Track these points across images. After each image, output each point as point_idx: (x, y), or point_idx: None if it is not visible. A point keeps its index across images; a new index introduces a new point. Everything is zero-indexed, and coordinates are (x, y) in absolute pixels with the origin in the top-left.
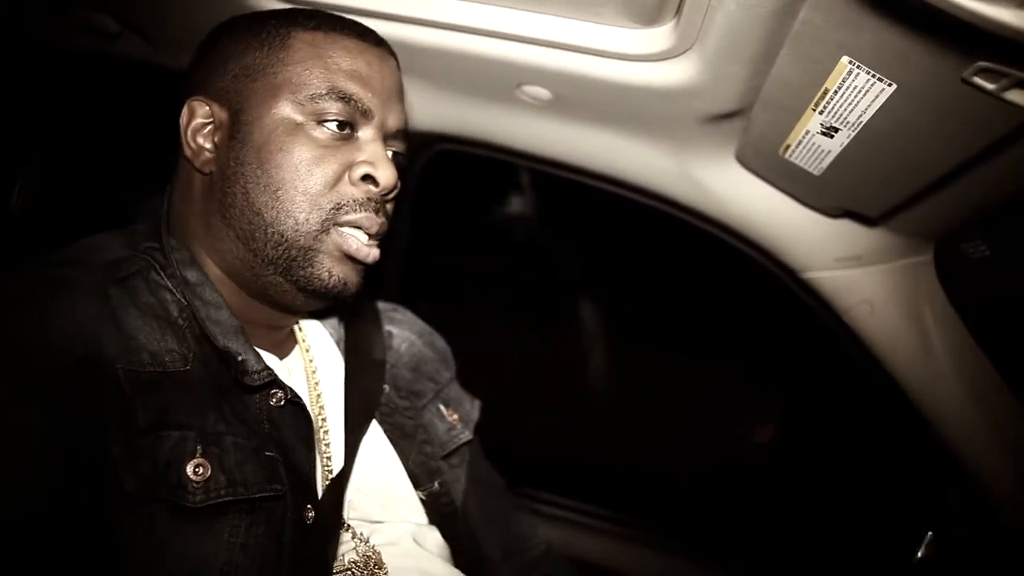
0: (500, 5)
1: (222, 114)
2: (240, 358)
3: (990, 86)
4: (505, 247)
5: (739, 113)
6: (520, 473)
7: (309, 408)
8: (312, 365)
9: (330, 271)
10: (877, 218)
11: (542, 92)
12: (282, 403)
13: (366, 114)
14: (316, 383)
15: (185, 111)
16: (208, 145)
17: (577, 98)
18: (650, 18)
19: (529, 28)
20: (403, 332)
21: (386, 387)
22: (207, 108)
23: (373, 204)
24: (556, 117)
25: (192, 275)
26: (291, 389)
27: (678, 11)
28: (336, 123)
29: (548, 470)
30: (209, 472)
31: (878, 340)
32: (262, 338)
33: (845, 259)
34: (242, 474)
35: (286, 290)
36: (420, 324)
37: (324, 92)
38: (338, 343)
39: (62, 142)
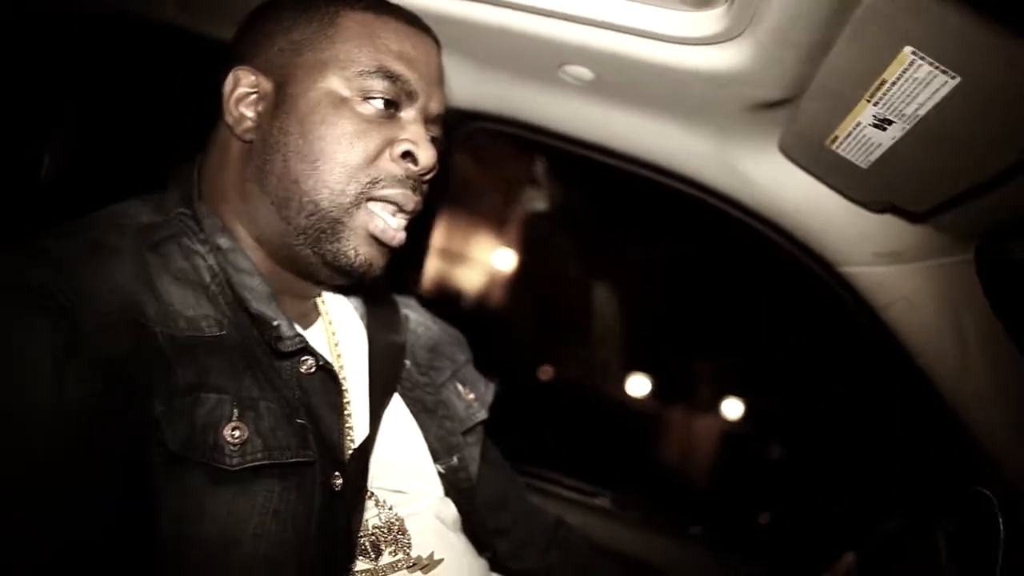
0: None
1: (267, 85)
2: (275, 323)
3: None
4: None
5: (787, 102)
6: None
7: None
8: (335, 337)
9: (356, 249)
10: (921, 214)
11: (584, 72)
12: (312, 370)
13: (411, 95)
14: (338, 355)
15: (230, 79)
16: (251, 114)
17: (620, 80)
18: (702, 1)
19: (575, 6)
20: (419, 317)
21: (407, 362)
22: (252, 78)
23: (410, 182)
24: (597, 99)
25: (224, 241)
26: (322, 356)
27: None
28: (382, 100)
29: (551, 451)
30: (246, 435)
31: (914, 338)
32: (288, 307)
33: (884, 255)
34: (276, 439)
35: (313, 262)
36: (431, 315)
37: (372, 70)
38: (361, 318)
39: (87, 108)
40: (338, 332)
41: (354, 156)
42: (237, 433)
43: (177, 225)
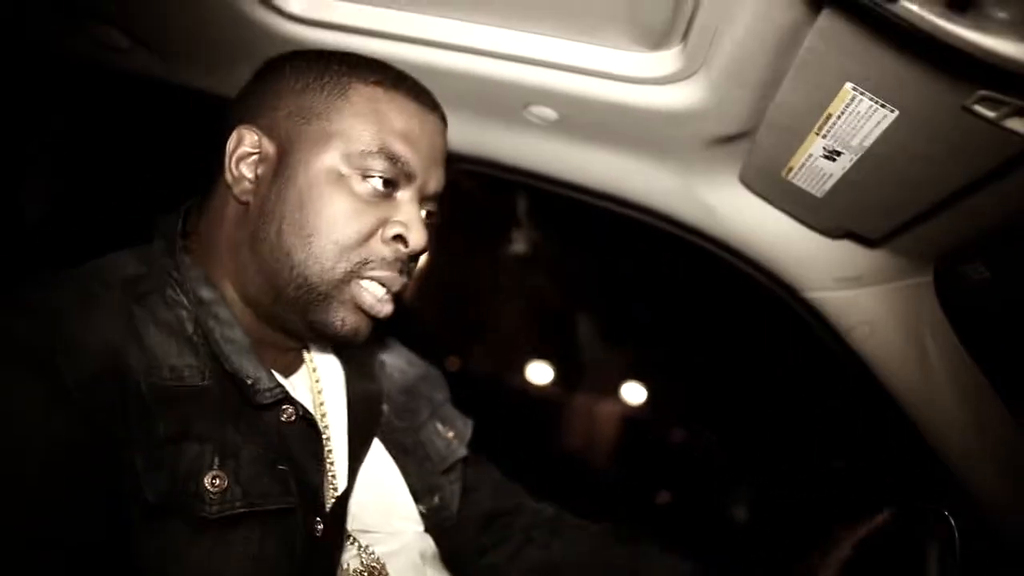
0: (509, 27)
1: (270, 148)
2: (250, 380)
3: (990, 114)
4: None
5: (743, 136)
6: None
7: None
8: (318, 385)
9: (343, 320)
10: (878, 240)
11: (549, 113)
12: (292, 419)
13: (409, 177)
14: (321, 403)
15: (234, 137)
16: (250, 175)
17: (584, 119)
18: (657, 42)
19: (537, 50)
20: (395, 361)
21: (384, 407)
22: (256, 138)
23: (399, 264)
24: (562, 137)
25: (206, 293)
26: (302, 405)
27: (685, 35)
28: (381, 180)
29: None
30: (226, 483)
31: (878, 360)
32: (271, 356)
33: (845, 279)
34: (256, 486)
35: (298, 327)
36: (409, 353)
37: (374, 150)
38: (342, 365)
39: (71, 155)
40: (322, 379)
41: (347, 235)
42: (217, 482)
43: (161, 277)
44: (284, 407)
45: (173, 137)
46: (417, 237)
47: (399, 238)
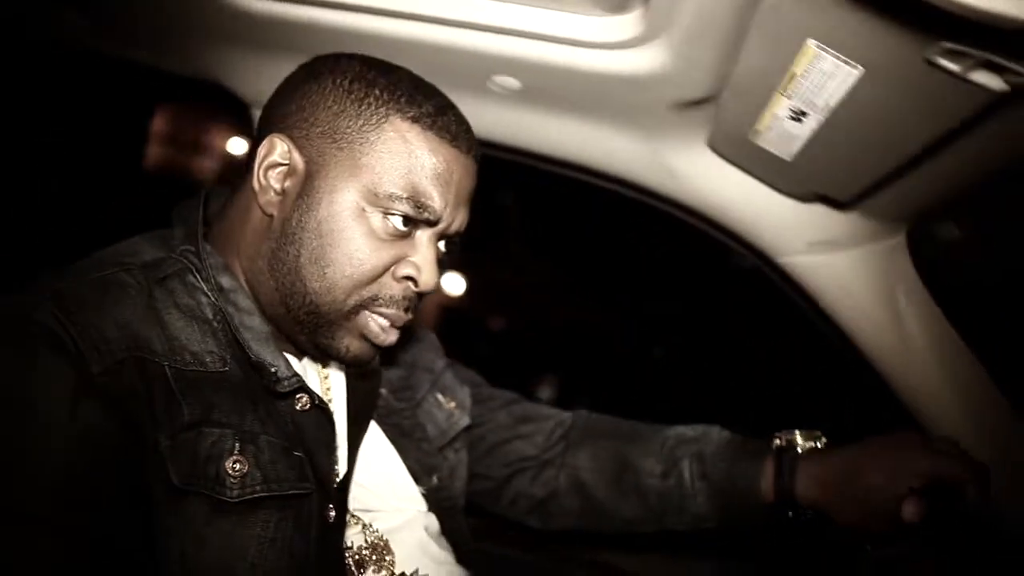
0: None
1: (299, 163)
2: (272, 368)
3: (955, 67)
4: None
5: (709, 100)
6: None
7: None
8: (324, 372)
9: (348, 347)
10: (848, 202)
11: (512, 82)
12: (307, 407)
13: (431, 222)
14: (327, 388)
15: (266, 144)
16: (277, 187)
17: (548, 87)
18: (617, 5)
19: (499, 18)
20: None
21: (383, 390)
22: (287, 150)
23: (406, 302)
24: (527, 106)
25: (226, 281)
26: (316, 395)
27: None
28: (401, 220)
29: None
30: (246, 468)
31: (852, 323)
32: (285, 343)
33: (818, 243)
34: (275, 471)
35: (304, 344)
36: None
37: (402, 195)
38: None
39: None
40: (329, 364)
41: (362, 272)
42: (238, 466)
43: (181, 262)
44: (299, 396)
45: (127, 116)
46: (427, 279)
47: (410, 278)
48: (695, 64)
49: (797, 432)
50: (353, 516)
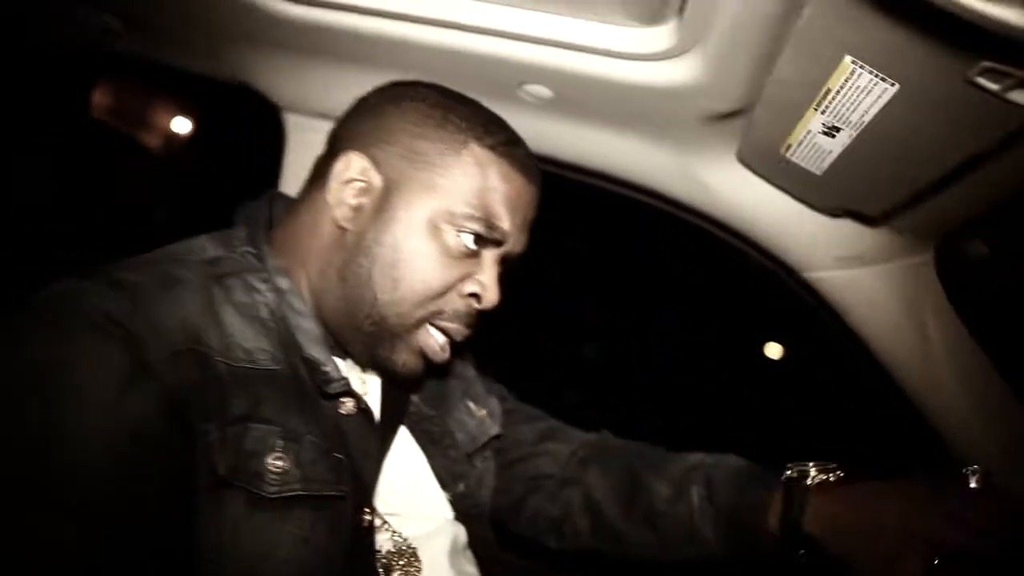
0: (502, 4)
1: (377, 180)
2: (324, 368)
3: (994, 86)
4: None
5: (741, 112)
6: None
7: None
8: (363, 376)
9: (405, 362)
10: (878, 218)
11: (544, 91)
12: (353, 412)
13: (499, 242)
14: (365, 393)
15: (343, 160)
16: (353, 202)
17: (579, 97)
18: (652, 17)
19: (531, 27)
20: None
21: (414, 397)
22: (365, 166)
23: (469, 318)
24: (558, 116)
25: (284, 283)
26: (363, 399)
27: (681, 10)
28: (472, 239)
29: None
30: (287, 466)
31: (878, 340)
32: (335, 348)
33: (846, 258)
34: (315, 472)
35: (360, 353)
36: None
37: (476, 215)
38: None
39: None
40: (366, 371)
41: (432, 287)
42: (279, 463)
43: (242, 262)
44: (344, 399)
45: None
46: (492, 297)
47: (474, 295)
48: (728, 77)
49: (811, 464)
50: (385, 522)
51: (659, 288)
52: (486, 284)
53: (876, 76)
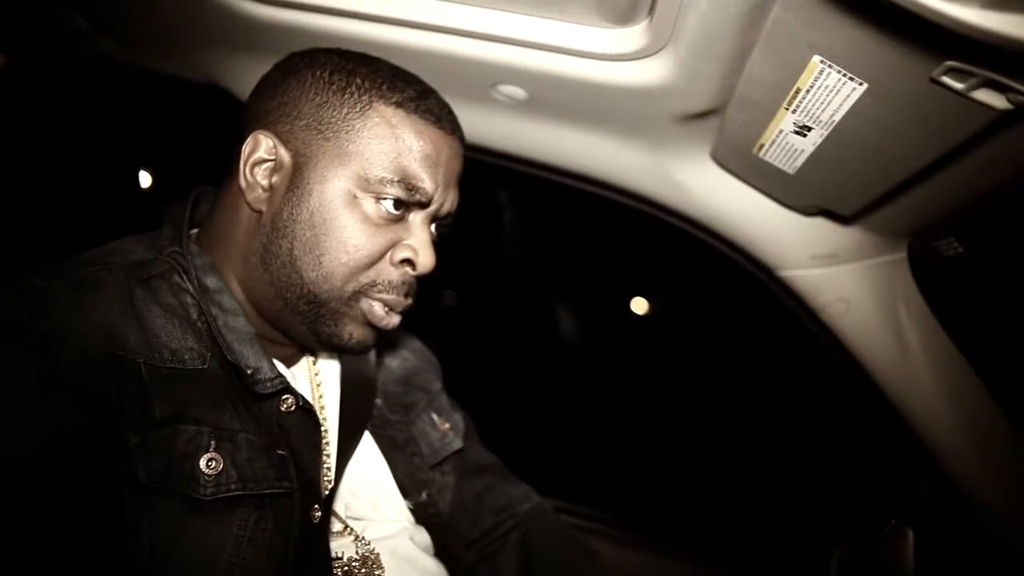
0: (475, 5)
1: (286, 157)
2: (250, 370)
3: (958, 85)
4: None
5: (714, 112)
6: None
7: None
8: (317, 378)
9: (351, 333)
10: (852, 216)
11: (518, 92)
12: (292, 409)
13: (423, 203)
14: (320, 395)
15: (250, 142)
16: (264, 183)
17: (552, 97)
18: (623, 18)
19: (504, 28)
20: (394, 349)
21: (378, 401)
22: (272, 145)
23: (405, 286)
24: (532, 116)
25: (212, 282)
26: (302, 396)
27: (651, 11)
28: (393, 204)
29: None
30: (221, 466)
31: (853, 337)
32: (273, 350)
33: (821, 257)
34: (252, 470)
35: (305, 336)
36: (409, 339)
37: (392, 178)
38: (338, 357)
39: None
40: (321, 371)
41: (358, 258)
42: (213, 464)
43: (168, 263)
44: (284, 397)
45: (135, 122)
46: (425, 261)
47: (407, 261)
48: (700, 77)
49: None
50: (345, 525)
51: (634, 286)
52: (417, 249)
53: (844, 75)
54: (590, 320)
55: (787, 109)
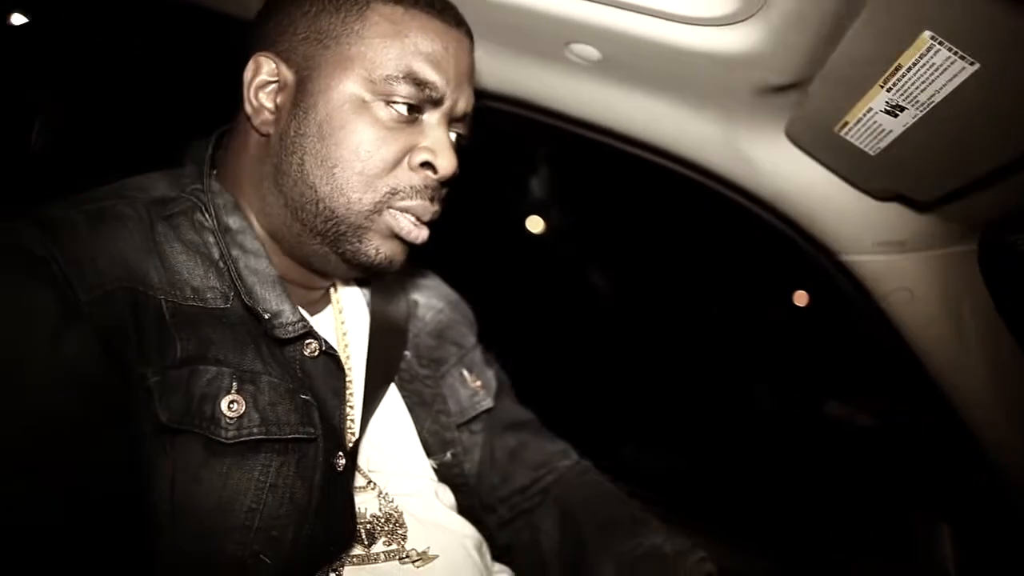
0: None
1: (288, 75)
2: (268, 314)
3: None
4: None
5: (797, 86)
6: None
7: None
8: (343, 327)
9: (378, 248)
10: (926, 204)
11: (591, 52)
12: (316, 353)
13: (436, 101)
14: (346, 345)
15: (251, 66)
16: (270, 104)
17: (627, 60)
18: None
19: None
20: (430, 300)
21: (407, 354)
22: (274, 66)
23: (429, 191)
24: (602, 79)
25: (234, 222)
26: (325, 340)
27: None
28: (405, 106)
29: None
30: (243, 409)
31: (913, 328)
32: (297, 294)
33: (888, 244)
34: (275, 414)
35: (330, 260)
36: (446, 289)
37: (399, 75)
38: (368, 305)
39: (81, 75)
40: (347, 321)
41: (372, 165)
42: (235, 406)
43: (191, 201)
44: (308, 341)
45: (187, 61)
46: (446, 163)
47: (427, 165)
48: (790, 48)
49: None
50: (368, 480)
51: (689, 263)
52: (435, 149)
53: (955, 54)
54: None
55: (882, 87)
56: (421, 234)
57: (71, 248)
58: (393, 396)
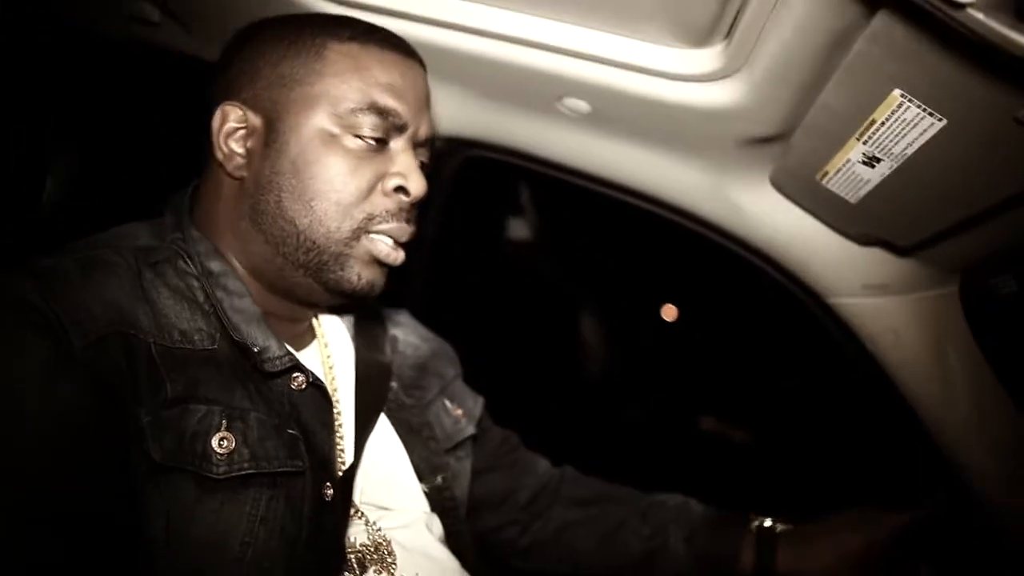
0: (549, 17)
1: (256, 120)
2: (257, 348)
3: None
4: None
5: (779, 137)
6: None
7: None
8: (329, 361)
9: (359, 274)
10: (908, 248)
11: (582, 105)
12: (303, 387)
13: (400, 128)
14: (333, 377)
15: (218, 115)
16: (240, 150)
17: (617, 113)
18: (700, 39)
19: (576, 42)
20: (408, 337)
21: (394, 384)
22: (240, 113)
23: (404, 213)
24: (594, 131)
25: (216, 265)
26: (312, 373)
27: (729, 33)
28: (371, 135)
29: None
30: (233, 445)
31: (899, 369)
32: (282, 330)
33: (872, 287)
34: (264, 449)
35: (313, 289)
36: (423, 329)
37: (363, 106)
38: (352, 339)
39: (92, 132)
40: (333, 354)
41: (348, 194)
42: (225, 443)
43: (172, 249)
44: (295, 375)
45: (191, 114)
46: (416, 185)
47: (400, 189)
48: (771, 101)
49: (770, 518)
50: (358, 511)
51: (681, 306)
52: (406, 173)
53: (924, 110)
54: (623, 337)
55: (858, 140)
56: (399, 256)
57: (65, 296)
58: (384, 425)
